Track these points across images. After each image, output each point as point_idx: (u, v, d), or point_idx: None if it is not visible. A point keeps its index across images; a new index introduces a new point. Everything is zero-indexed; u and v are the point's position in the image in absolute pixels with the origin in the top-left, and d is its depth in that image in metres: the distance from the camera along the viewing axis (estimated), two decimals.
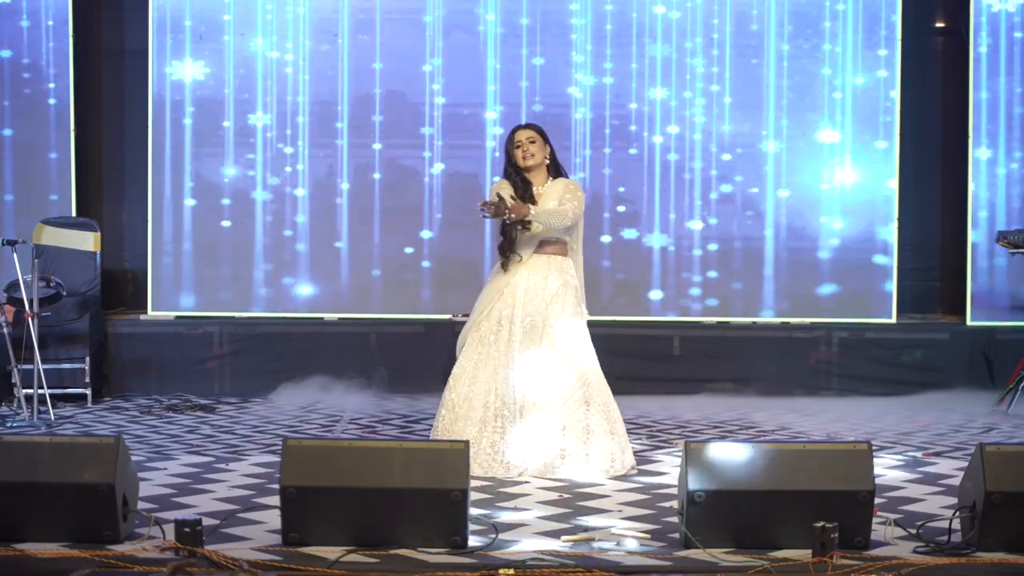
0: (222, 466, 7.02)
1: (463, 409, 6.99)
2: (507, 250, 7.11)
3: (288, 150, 10.17)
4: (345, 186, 10.20)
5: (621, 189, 10.19)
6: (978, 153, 10.12)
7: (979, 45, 10.08)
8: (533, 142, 7.10)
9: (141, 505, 5.69)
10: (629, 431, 8.22)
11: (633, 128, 10.16)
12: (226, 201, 10.18)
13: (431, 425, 8.52)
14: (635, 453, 7.42)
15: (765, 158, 10.19)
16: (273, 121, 10.16)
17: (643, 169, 10.18)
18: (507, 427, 6.89)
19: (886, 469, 6.92)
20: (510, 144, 7.17)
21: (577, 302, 7.10)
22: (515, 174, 7.12)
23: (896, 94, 10.14)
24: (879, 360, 10.02)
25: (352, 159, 10.22)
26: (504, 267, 7.14)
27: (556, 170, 7.18)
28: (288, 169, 10.18)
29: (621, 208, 10.19)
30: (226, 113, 10.15)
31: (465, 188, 10.18)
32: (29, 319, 8.32)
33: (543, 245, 7.09)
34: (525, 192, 7.07)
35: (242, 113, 10.16)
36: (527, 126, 7.22)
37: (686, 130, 10.17)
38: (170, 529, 5.18)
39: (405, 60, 10.16)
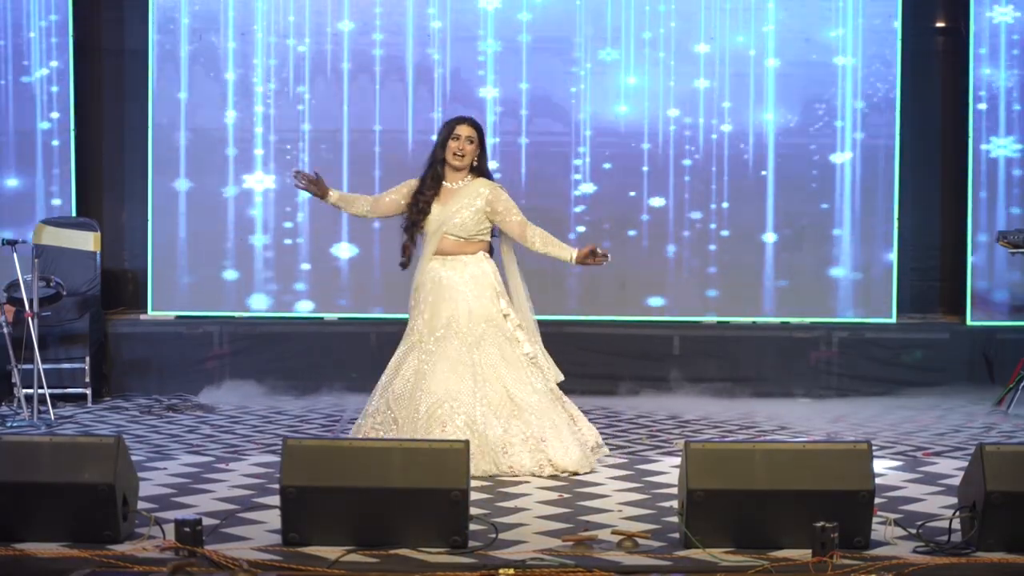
0: (222, 466, 7.01)
1: (395, 409, 6.82)
2: (408, 249, 6.97)
3: (287, 145, 10.17)
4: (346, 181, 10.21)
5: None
6: (978, 152, 10.11)
7: (979, 44, 10.08)
8: (472, 142, 6.88)
9: (141, 505, 5.69)
10: (629, 431, 8.25)
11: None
12: (227, 199, 10.16)
13: None
14: (635, 452, 7.43)
15: (765, 160, 10.18)
16: (273, 119, 10.16)
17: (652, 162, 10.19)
18: (440, 434, 6.64)
19: (886, 469, 6.92)
20: (447, 132, 6.91)
21: (492, 304, 6.87)
22: (437, 165, 6.90)
23: (896, 94, 10.14)
24: (879, 360, 10.02)
25: (351, 165, 10.22)
26: (403, 266, 7.02)
27: (480, 170, 6.96)
28: (288, 179, 10.17)
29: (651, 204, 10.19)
30: (228, 110, 10.14)
31: None
32: (29, 319, 8.32)
33: (449, 245, 6.90)
34: (434, 190, 6.90)
35: (243, 110, 10.15)
36: (470, 122, 6.95)
37: (683, 130, 10.19)
38: (170, 529, 5.18)
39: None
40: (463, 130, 6.90)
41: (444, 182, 6.96)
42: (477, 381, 6.78)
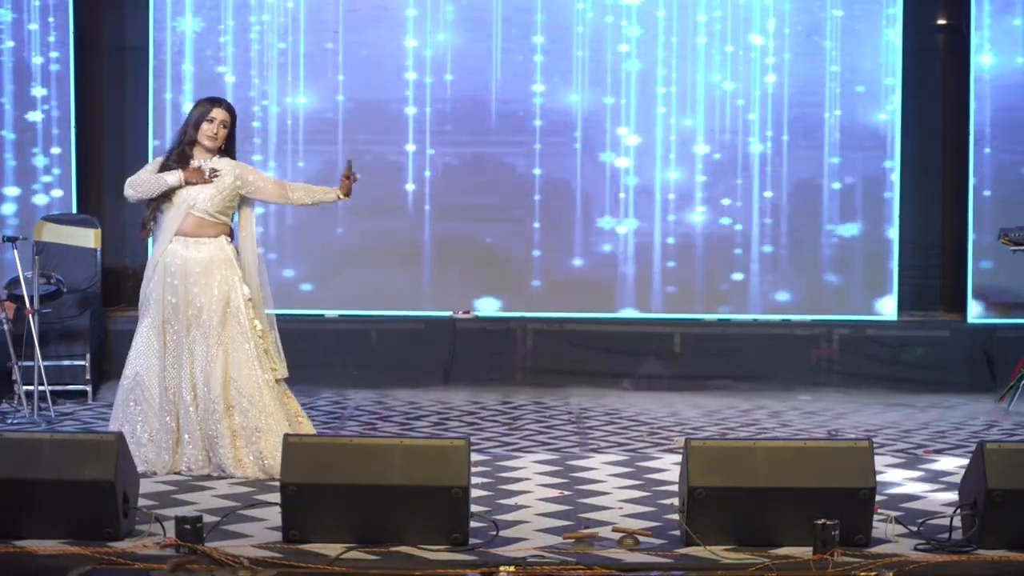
0: None
1: (137, 392, 6.74)
2: (148, 223, 6.83)
3: (288, 142, 10.18)
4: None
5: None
6: (979, 150, 10.10)
7: (980, 42, 10.07)
8: (225, 126, 6.76)
9: (142, 502, 5.68)
10: (630, 428, 8.26)
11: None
12: None
13: (432, 422, 8.55)
14: (635, 450, 7.42)
15: (765, 156, 10.18)
16: (274, 119, 10.16)
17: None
18: (159, 420, 6.64)
19: (887, 467, 6.91)
20: (202, 114, 6.76)
21: (235, 289, 6.73)
22: (186, 146, 6.76)
23: (897, 91, 10.13)
24: (880, 358, 10.02)
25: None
26: (141, 238, 6.90)
27: (228, 153, 6.84)
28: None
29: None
30: None
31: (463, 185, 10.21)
32: (30, 316, 8.31)
33: (191, 225, 6.72)
34: (182, 165, 6.74)
35: (244, 109, 10.13)
36: (226, 106, 6.81)
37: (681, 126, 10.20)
38: (171, 526, 5.18)
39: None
40: (219, 113, 6.77)
41: (191, 160, 6.81)
42: (206, 370, 6.64)
